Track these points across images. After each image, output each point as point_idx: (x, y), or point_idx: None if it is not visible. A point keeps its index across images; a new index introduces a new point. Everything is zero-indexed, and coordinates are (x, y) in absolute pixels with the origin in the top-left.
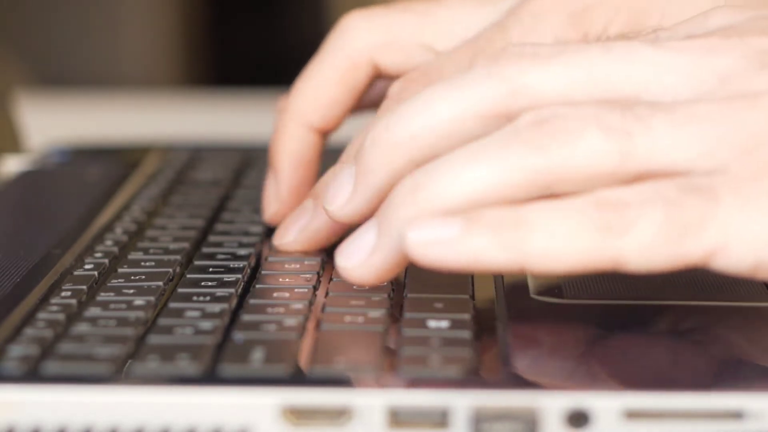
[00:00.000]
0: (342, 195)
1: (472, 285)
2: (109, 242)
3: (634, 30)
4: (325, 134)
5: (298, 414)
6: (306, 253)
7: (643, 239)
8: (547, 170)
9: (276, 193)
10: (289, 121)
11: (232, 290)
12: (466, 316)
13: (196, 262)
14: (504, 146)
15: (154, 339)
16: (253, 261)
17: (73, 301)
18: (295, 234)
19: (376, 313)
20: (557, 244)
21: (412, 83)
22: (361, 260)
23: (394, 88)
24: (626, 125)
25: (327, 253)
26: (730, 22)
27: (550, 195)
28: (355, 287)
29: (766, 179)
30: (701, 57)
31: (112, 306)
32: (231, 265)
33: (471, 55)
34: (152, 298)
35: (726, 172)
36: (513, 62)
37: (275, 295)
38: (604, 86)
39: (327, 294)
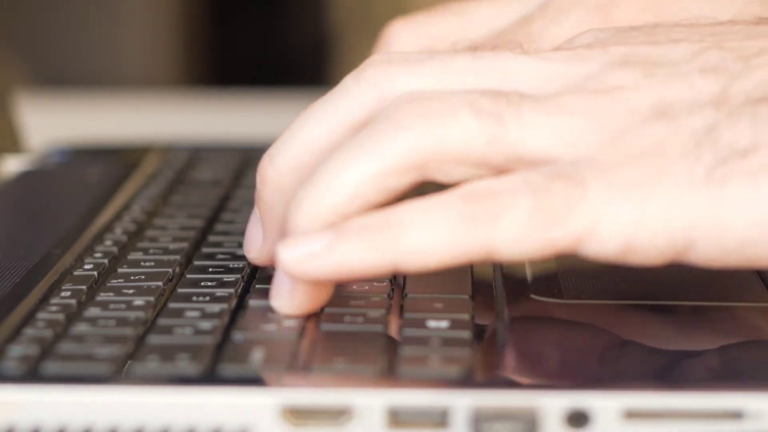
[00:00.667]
0: (256, 240)
1: (472, 285)
2: (108, 242)
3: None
4: None
5: (297, 414)
6: None
7: (512, 227)
8: (418, 150)
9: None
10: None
11: (232, 290)
12: (466, 316)
13: (196, 262)
14: (375, 134)
15: (153, 339)
16: None
17: (73, 301)
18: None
19: (376, 313)
20: (426, 239)
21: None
22: (287, 295)
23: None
24: (498, 109)
25: None
26: (595, 38)
27: (425, 183)
28: (354, 286)
29: (630, 165)
30: (567, 63)
31: (111, 306)
32: (231, 265)
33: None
34: (152, 298)
35: (592, 160)
36: (381, 69)
37: None
38: (472, 86)
39: None
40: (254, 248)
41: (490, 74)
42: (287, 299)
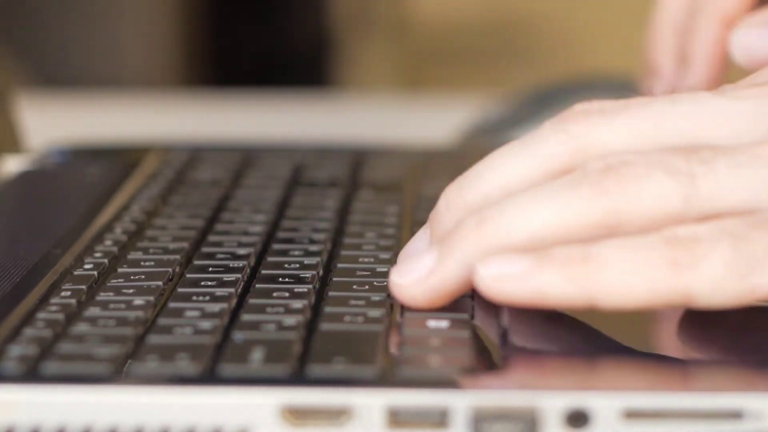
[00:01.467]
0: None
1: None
2: (108, 242)
3: None
4: None
5: (297, 414)
6: (306, 252)
7: (712, 274)
8: (612, 212)
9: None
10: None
11: (232, 290)
12: (466, 316)
13: (196, 262)
14: (571, 188)
15: (153, 339)
16: (252, 261)
17: (73, 301)
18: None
19: (376, 313)
20: (626, 279)
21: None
22: (417, 280)
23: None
24: (691, 168)
25: (326, 253)
26: None
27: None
28: (354, 286)
29: None
30: (762, 100)
31: (111, 306)
32: (231, 265)
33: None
34: (152, 298)
35: None
36: (579, 120)
37: (275, 294)
38: (670, 136)
39: (327, 294)
40: (411, 255)
41: (688, 120)
42: (413, 284)
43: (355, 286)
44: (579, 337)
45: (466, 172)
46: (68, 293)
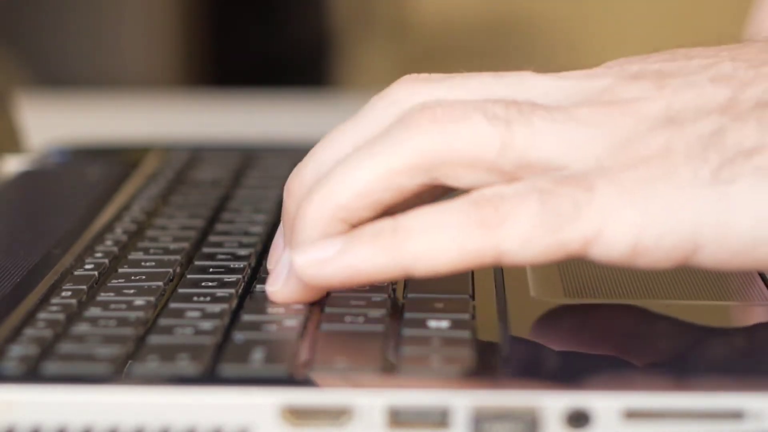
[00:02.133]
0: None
1: (472, 285)
2: (109, 242)
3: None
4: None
5: (298, 414)
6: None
7: (520, 230)
8: (429, 152)
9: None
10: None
11: (232, 290)
12: (466, 316)
13: (197, 262)
14: (388, 136)
15: (154, 339)
16: (253, 261)
17: (73, 301)
18: (281, 284)
19: (376, 313)
20: (436, 243)
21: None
22: (282, 283)
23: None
24: (509, 115)
25: None
26: (616, 62)
27: (435, 186)
28: (355, 287)
29: (636, 169)
30: (583, 79)
31: (112, 306)
32: (231, 266)
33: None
34: (152, 298)
35: (599, 166)
36: (403, 86)
37: None
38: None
39: (327, 294)
40: (274, 260)
41: (507, 89)
42: (281, 287)
43: (355, 287)
44: (579, 337)
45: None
46: (69, 293)
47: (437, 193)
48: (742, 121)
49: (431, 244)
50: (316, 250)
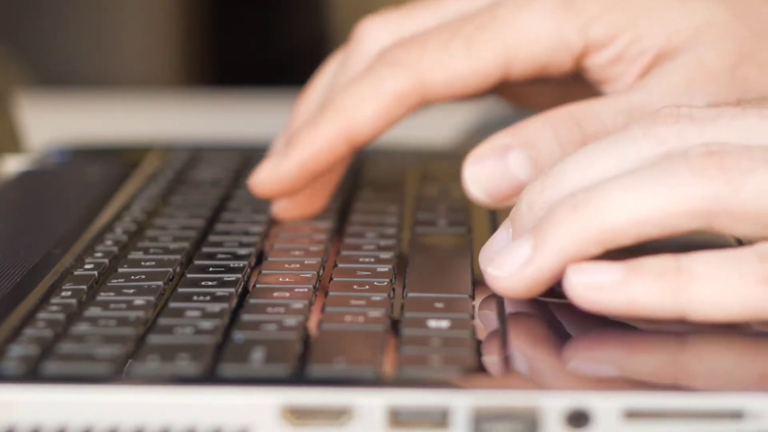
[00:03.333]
0: (511, 265)
1: (473, 285)
2: (109, 242)
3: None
4: (357, 149)
5: (298, 414)
6: (306, 252)
7: None
8: (712, 200)
9: (279, 168)
10: (330, 124)
11: (232, 290)
12: (466, 316)
13: (197, 262)
14: (671, 173)
15: (154, 339)
16: (253, 260)
17: (73, 301)
18: (509, 272)
19: (376, 313)
20: (718, 292)
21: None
22: (514, 271)
23: (385, 52)
24: None
25: (326, 253)
26: None
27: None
28: (355, 286)
29: None
30: None
31: (112, 306)
32: (231, 265)
33: (453, 29)
34: (152, 298)
35: None
36: (669, 124)
37: (275, 294)
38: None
39: (327, 294)
40: (509, 269)
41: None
42: (511, 275)
43: (355, 286)
44: (579, 337)
45: (548, 170)
46: (69, 293)
47: None
48: None
49: (714, 294)
50: (596, 275)
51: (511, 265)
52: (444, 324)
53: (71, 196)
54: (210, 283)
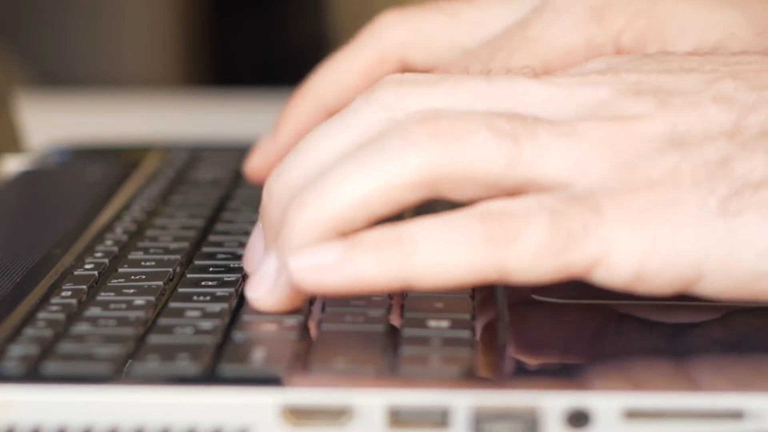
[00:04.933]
0: (257, 254)
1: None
2: (109, 242)
3: (649, 38)
4: None
5: (298, 414)
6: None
7: (527, 249)
8: (431, 168)
9: (268, 150)
10: (305, 97)
11: (233, 290)
12: (466, 316)
13: (197, 262)
14: (387, 147)
15: (154, 339)
16: None
17: (73, 301)
18: (264, 291)
19: (376, 313)
20: (440, 258)
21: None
22: (267, 290)
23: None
24: (514, 130)
25: None
26: (607, 64)
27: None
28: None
29: (643, 193)
30: (579, 88)
31: (112, 306)
32: (231, 265)
33: (486, 56)
34: (152, 298)
35: (605, 187)
36: (391, 89)
37: None
38: (485, 109)
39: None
40: (254, 262)
41: (502, 97)
42: (266, 293)
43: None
44: (579, 338)
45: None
46: (69, 293)
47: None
48: (749, 150)
49: (436, 259)
50: (315, 256)
51: (263, 284)
52: (444, 324)
53: (71, 196)
54: (210, 283)
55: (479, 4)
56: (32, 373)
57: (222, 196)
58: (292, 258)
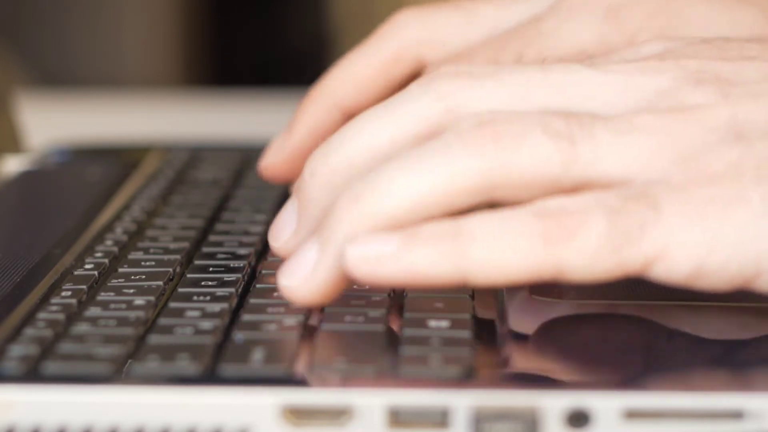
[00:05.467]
0: (287, 230)
1: None
2: (109, 242)
3: (668, 37)
4: (351, 117)
5: (298, 414)
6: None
7: (585, 247)
8: (489, 173)
9: (283, 148)
10: (320, 95)
11: (233, 290)
12: (466, 316)
13: (197, 262)
14: (445, 150)
15: (154, 339)
16: (253, 260)
17: (73, 301)
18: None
19: (376, 313)
20: (498, 253)
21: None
22: (303, 279)
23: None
24: (570, 131)
25: None
26: (665, 47)
27: (492, 204)
28: (355, 286)
29: (704, 187)
30: (637, 76)
31: (112, 306)
32: (231, 265)
33: (498, 47)
34: (152, 298)
35: (665, 181)
36: (448, 80)
37: (275, 294)
38: (542, 101)
39: None
40: (283, 238)
41: (559, 88)
42: (302, 283)
43: (355, 286)
44: (579, 337)
45: (331, 137)
46: (69, 293)
47: None
48: None
49: (494, 254)
50: (373, 245)
51: (299, 272)
52: (444, 324)
53: (71, 196)
54: (210, 283)
55: (496, 3)
56: (32, 373)
57: (222, 196)
58: (350, 246)
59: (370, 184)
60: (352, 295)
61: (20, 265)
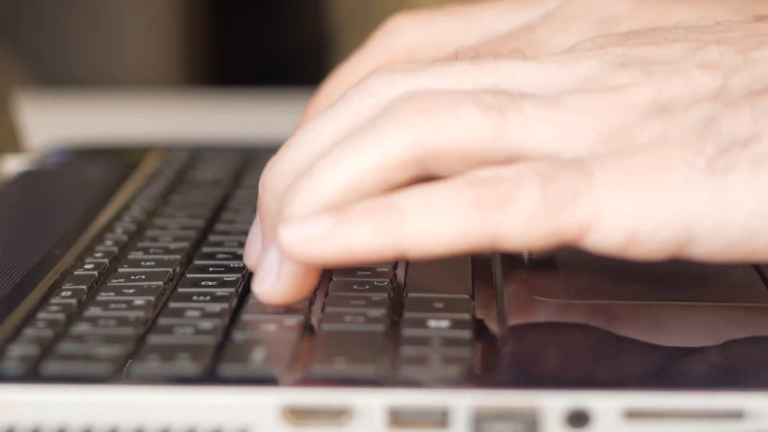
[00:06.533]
0: (256, 245)
1: (472, 285)
2: (109, 242)
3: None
4: None
5: (298, 414)
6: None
7: (520, 213)
8: (421, 144)
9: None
10: (320, 102)
11: (233, 290)
12: (466, 316)
13: (197, 262)
14: (376, 130)
15: (154, 339)
16: None
17: (73, 301)
18: (269, 284)
19: (376, 313)
20: (432, 224)
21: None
22: (272, 282)
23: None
24: (500, 103)
25: None
26: (594, 43)
27: (427, 178)
28: (355, 286)
29: (632, 158)
30: (566, 64)
31: (112, 306)
32: (231, 265)
33: (487, 52)
34: (152, 298)
35: (594, 153)
36: (380, 77)
37: None
38: (474, 88)
39: (327, 294)
40: (254, 255)
41: (489, 78)
42: (271, 286)
43: (355, 286)
44: (579, 337)
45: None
46: (69, 293)
47: None
48: (734, 108)
49: (427, 225)
50: (305, 227)
51: (269, 277)
52: (444, 324)
53: (71, 196)
54: (210, 283)
55: (491, 9)
56: (32, 373)
57: (222, 196)
58: (284, 230)
59: (308, 174)
60: (352, 295)
61: (20, 265)
